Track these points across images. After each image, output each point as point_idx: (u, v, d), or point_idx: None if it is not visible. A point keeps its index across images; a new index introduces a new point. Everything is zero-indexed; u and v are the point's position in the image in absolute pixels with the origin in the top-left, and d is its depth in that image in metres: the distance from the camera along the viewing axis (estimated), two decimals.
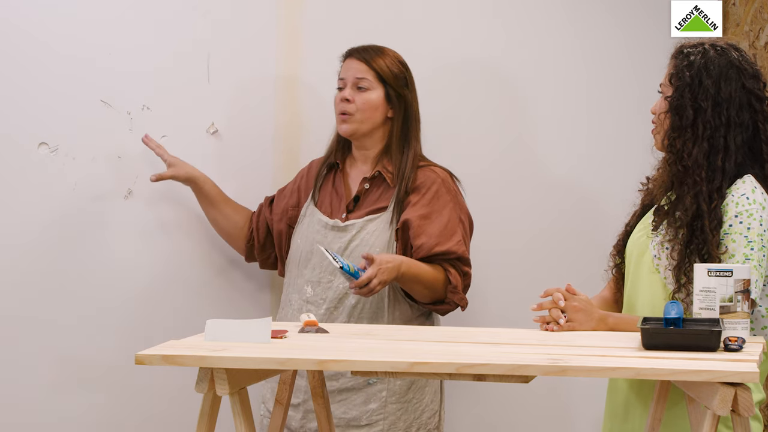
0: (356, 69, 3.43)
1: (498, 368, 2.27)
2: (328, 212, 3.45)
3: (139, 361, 2.33)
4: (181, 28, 3.65)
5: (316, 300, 3.39)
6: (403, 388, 3.36)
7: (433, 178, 3.40)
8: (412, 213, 3.35)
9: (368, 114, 3.42)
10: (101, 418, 3.60)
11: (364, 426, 3.34)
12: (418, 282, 3.31)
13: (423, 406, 3.39)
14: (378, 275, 3.20)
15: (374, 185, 3.44)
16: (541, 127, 3.90)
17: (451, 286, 3.35)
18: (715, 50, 2.83)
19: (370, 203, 3.42)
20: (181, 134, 3.64)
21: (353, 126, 3.41)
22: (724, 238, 2.75)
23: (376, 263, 3.21)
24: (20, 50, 3.50)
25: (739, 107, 2.81)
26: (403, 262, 3.27)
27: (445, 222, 3.35)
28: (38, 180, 3.53)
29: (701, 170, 2.78)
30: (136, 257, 3.61)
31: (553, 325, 2.79)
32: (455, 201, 3.41)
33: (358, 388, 3.35)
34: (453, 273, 3.35)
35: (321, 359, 2.35)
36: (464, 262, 3.37)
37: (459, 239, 3.36)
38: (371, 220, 3.39)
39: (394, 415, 3.34)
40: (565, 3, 3.91)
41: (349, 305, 3.36)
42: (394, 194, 3.39)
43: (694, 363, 2.28)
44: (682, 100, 2.81)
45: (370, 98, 3.42)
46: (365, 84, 3.42)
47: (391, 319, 3.36)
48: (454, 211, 3.39)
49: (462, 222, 3.41)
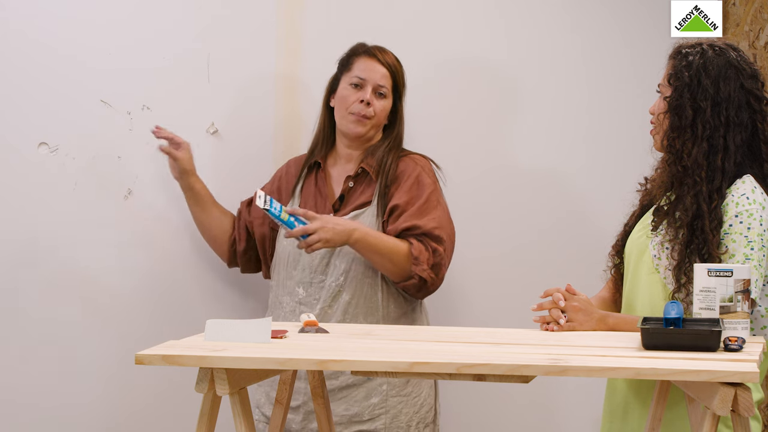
0: (380, 74, 3.40)
1: (498, 368, 2.27)
2: None
3: (139, 361, 2.33)
4: (181, 28, 3.65)
5: (309, 301, 3.38)
6: (402, 381, 3.36)
7: (413, 166, 3.40)
8: (396, 200, 3.35)
9: (380, 120, 3.42)
10: (101, 418, 3.60)
11: (366, 421, 3.34)
12: (375, 252, 3.28)
13: (421, 400, 3.39)
14: (320, 232, 3.20)
15: (357, 182, 3.44)
16: (541, 128, 3.89)
17: (413, 257, 3.30)
18: (713, 50, 2.83)
19: (354, 200, 3.42)
20: (181, 134, 3.63)
21: (366, 129, 3.41)
22: (724, 238, 2.75)
23: (321, 220, 3.21)
24: (20, 51, 3.50)
25: (738, 107, 2.81)
26: (357, 229, 3.25)
27: (422, 203, 3.34)
28: (38, 180, 3.53)
29: (701, 170, 2.78)
30: (136, 257, 3.61)
31: (553, 325, 2.79)
32: (436, 185, 3.40)
33: (358, 384, 3.34)
34: (416, 245, 3.30)
35: (321, 359, 2.35)
36: (433, 239, 3.32)
37: (433, 217, 3.33)
38: (357, 216, 3.38)
39: (396, 408, 3.35)
40: (565, 3, 3.91)
41: (343, 302, 3.35)
42: (377, 187, 3.39)
43: (694, 363, 2.28)
44: (681, 101, 2.81)
45: (386, 107, 3.42)
46: (384, 91, 3.41)
47: (386, 312, 3.35)
48: (434, 193, 3.37)
49: (441, 204, 3.38)
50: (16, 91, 3.51)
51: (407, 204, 3.34)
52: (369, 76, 3.40)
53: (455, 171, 3.68)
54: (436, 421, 3.46)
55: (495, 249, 3.86)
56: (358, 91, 3.39)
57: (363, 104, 3.38)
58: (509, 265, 3.88)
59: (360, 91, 3.39)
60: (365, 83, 3.40)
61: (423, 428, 3.39)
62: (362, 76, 3.40)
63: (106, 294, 3.58)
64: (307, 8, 3.75)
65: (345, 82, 3.42)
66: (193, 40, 3.66)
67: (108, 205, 3.59)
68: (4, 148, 3.50)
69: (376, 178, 3.39)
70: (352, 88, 3.40)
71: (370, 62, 3.41)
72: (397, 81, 3.43)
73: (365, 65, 3.41)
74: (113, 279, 3.59)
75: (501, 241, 3.87)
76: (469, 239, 3.73)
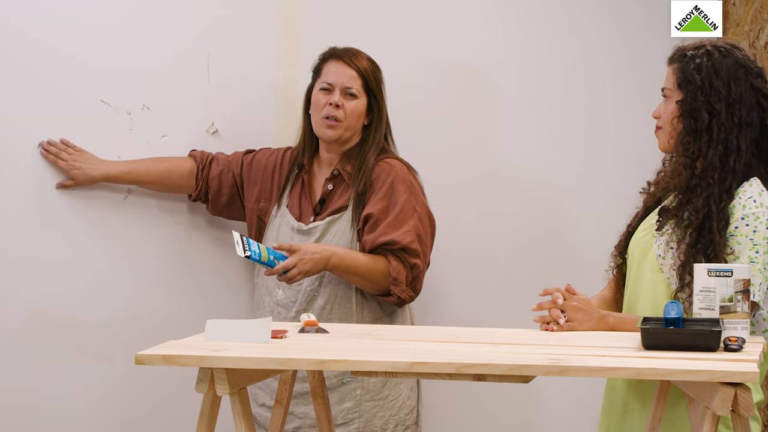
0: (348, 76, 3.41)
1: (498, 368, 2.27)
2: (297, 215, 3.45)
3: (139, 361, 2.33)
4: (181, 28, 3.65)
5: (286, 303, 3.40)
6: (377, 386, 3.36)
7: (388, 171, 3.38)
8: (372, 208, 3.35)
9: (353, 122, 3.42)
10: (100, 418, 3.60)
11: (340, 425, 3.34)
12: (353, 274, 3.31)
13: (400, 403, 3.39)
14: (299, 265, 3.23)
15: (336, 185, 3.44)
16: (539, 129, 3.89)
17: (391, 278, 3.32)
18: (719, 51, 2.82)
19: (333, 203, 3.43)
20: (181, 134, 3.64)
21: (339, 132, 3.41)
22: (729, 240, 2.75)
23: (299, 253, 3.23)
24: (20, 50, 3.50)
25: (749, 107, 2.81)
26: (334, 254, 3.28)
27: (397, 213, 3.34)
28: (38, 180, 3.53)
29: (715, 172, 2.78)
30: (136, 257, 3.61)
31: (552, 325, 2.79)
32: (410, 192, 3.38)
33: (332, 387, 3.35)
34: (394, 265, 3.32)
35: (321, 359, 2.35)
36: (410, 253, 3.33)
37: (408, 229, 3.33)
38: (333, 222, 3.39)
39: (370, 412, 3.35)
40: (564, 3, 3.91)
41: (318, 306, 3.37)
42: (352, 193, 3.39)
43: (694, 363, 2.28)
44: (695, 104, 2.80)
45: (357, 107, 3.42)
46: (354, 92, 3.41)
47: (360, 318, 3.36)
48: (409, 201, 3.36)
49: (416, 212, 3.37)
50: (16, 91, 3.50)
51: (381, 213, 3.34)
52: (336, 79, 3.41)
53: (449, 174, 3.68)
54: (418, 423, 3.46)
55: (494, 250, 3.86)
56: (327, 95, 3.42)
57: (332, 107, 3.39)
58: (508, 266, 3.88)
59: (329, 95, 3.41)
60: (333, 87, 3.41)
61: (403, 430, 3.39)
62: (330, 80, 3.42)
63: (105, 293, 3.58)
64: (307, 8, 3.76)
65: (316, 88, 3.45)
66: (193, 40, 3.66)
67: (108, 205, 3.58)
68: (4, 148, 3.50)
69: (352, 182, 3.39)
70: (323, 93, 3.43)
71: (338, 65, 3.42)
72: (369, 81, 3.43)
73: (334, 69, 3.43)
74: (113, 279, 3.59)
75: (501, 242, 3.87)
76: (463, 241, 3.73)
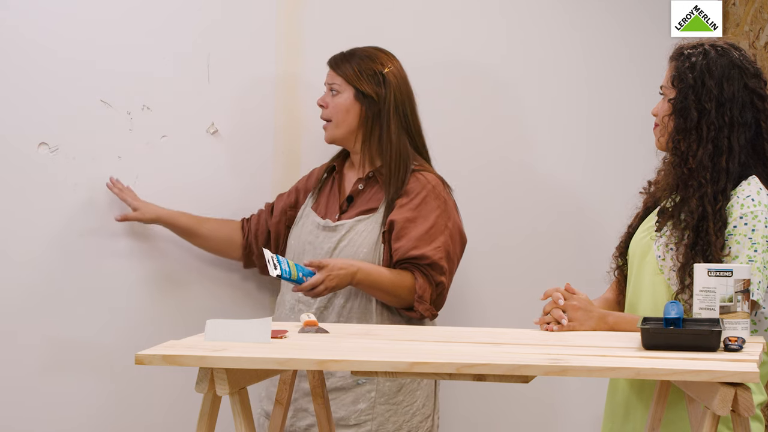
0: (329, 76, 3.46)
1: (498, 368, 2.27)
2: (323, 213, 3.46)
3: (139, 361, 2.33)
4: (181, 28, 3.65)
5: (307, 300, 3.39)
6: (392, 390, 3.36)
7: (423, 184, 3.38)
8: (398, 215, 3.35)
9: (341, 117, 3.43)
10: (100, 417, 3.60)
11: (352, 426, 3.34)
12: (378, 289, 3.32)
13: (414, 410, 3.38)
14: (326, 282, 3.23)
15: (368, 186, 3.45)
16: (541, 128, 3.90)
17: (416, 295, 3.33)
18: (715, 51, 2.82)
19: (362, 204, 3.43)
20: (181, 134, 3.64)
21: (330, 131, 3.45)
22: (728, 239, 2.75)
23: (327, 269, 3.23)
24: (20, 51, 3.50)
25: (742, 107, 2.80)
26: (360, 270, 3.28)
27: (428, 227, 3.34)
28: (38, 180, 3.53)
29: (706, 172, 2.77)
30: (136, 257, 3.61)
31: (553, 325, 2.78)
32: (443, 208, 3.38)
33: (347, 387, 3.35)
34: (421, 282, 3.32)
35: (321, 359, 2.35)
36: (438, 270, 3.33)
37: (438, 246, 3.33)
38: (361, 221, 3.39)
39: (383, 416, 3.34)
40: (565, 3, 3.91)
41: (338, 305, 3.37)
42: (384, 199, 3.39)
43: (694, 363, 2.28)
44: (685, 102, 2.81)
45: (339, 101, 3.43)
46: (336, 88, 3.44)
47: (379, 320, 3.36)
48: (441, 218, 3.36)
49: (448, 229, 3.37)
50: (16, 91, 3.51)
51: (408, 222, 3.33)
52: (325, 82, 3.48)
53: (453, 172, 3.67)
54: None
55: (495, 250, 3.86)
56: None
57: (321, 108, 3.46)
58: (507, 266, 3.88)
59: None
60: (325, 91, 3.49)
61: None
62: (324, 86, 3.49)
63: (105, 293, 3.58)
64: (307, 8, 3.76)
65: None
66: (193, 41, 3.66)
67: (108, 205, 3.58)
68: (4, 148, 3.50)
69: (383, 184, 3.39)
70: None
71: (328, 71, 3.48)
72: (345, 74, 3.43)
73: (326, 76, 3.48)
74: (113, 279, 3.59)
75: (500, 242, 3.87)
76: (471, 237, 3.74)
